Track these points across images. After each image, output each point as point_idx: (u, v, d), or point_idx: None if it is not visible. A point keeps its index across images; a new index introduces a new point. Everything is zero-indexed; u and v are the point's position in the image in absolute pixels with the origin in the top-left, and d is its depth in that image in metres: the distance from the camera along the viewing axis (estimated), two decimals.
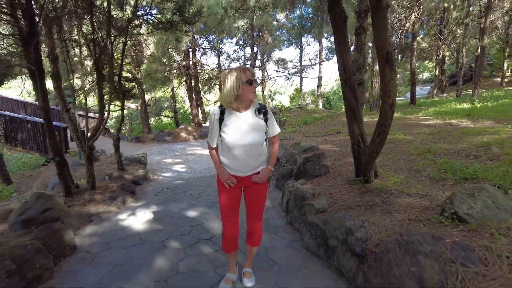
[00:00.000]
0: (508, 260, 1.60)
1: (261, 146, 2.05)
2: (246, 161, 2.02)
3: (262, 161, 2.11)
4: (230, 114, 1.97)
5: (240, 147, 1.96)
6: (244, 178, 2.08)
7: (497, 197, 2.07)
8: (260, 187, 2.13)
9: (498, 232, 1.81)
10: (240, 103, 1.95)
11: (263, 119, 2.03)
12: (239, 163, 2.02)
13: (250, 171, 2.06)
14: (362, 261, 2.12)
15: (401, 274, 1.76)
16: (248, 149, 1.98)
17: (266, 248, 2.81)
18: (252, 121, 1.98)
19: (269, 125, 2.06)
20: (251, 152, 2.01)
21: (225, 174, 2.06)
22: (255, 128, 1.98)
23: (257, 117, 2.00)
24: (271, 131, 2.10)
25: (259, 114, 2.01)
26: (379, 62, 2.64)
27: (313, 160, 4.07)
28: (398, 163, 3.92)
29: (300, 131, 8.37)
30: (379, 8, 2.45)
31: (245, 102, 1.95)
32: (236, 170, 2.05)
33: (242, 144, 1.95)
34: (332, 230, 2.48)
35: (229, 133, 1.95)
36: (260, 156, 2.07)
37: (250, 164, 2.04)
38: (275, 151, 2.17)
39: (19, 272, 2.14)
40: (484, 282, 1.54)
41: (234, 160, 2.02)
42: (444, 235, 1.88)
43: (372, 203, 2.73)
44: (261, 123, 2.01)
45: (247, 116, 1.98)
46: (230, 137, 1.95)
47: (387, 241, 2.00)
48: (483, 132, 4.91)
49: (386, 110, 2.76)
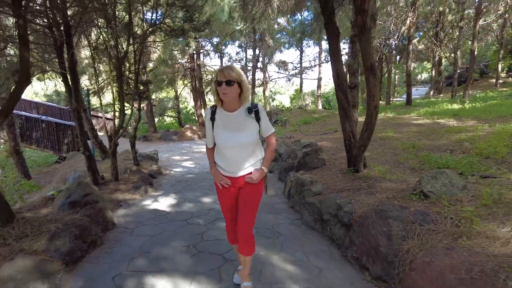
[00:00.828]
0: (451, 220, 2.20)
1: (253, 147, 2.01)
2: (236, 162, 2.00)
3: (255, 162, 2.07)
4: (220, 114, 1.97)
5: (229, 147, 1.96)
6: (237, 178, 2.04)
7: (453, 178, 2.68)
8: (252, 188, 2.07)
9: (448, 203, 2.42)
10: (225, 103, 1.93)
11: (255, 119, 1.98)
12: (230, 163, 2.02)
13: (241, 172, 2.03)
14: (348, 229, 2.72)
15: (375, 233, 2.36)
16: (238, 150, 1.97)
17: (272, 225, 3.41)
18: (242, 121, 1.95)
19: (261, 124, 2.00)
20: (241, 153, 1.99)
21: (217, 175, 2.06)
22: (245, 128, 1.96)
23: (248, 117, 1.96)
24: (264, 130, 2.05)
25: (250, 114, 1.96)
26: (365, 71, 3.24)
27: (311, 154, 4.68)
28: (385, 156, 4.53)
29: (300, 130, 8.97)
30: (364, 30, 3.05)
31: (227, 102, 1.91)
32: (228, 170, 2.04)
33: (231, 145, 1.95)
34: (326, 208, 3.09)
35: (219, 133, 1.97)
36: (252, 156, 2.04)
37: (240, 165, 2.01)
38: (270, 152, 2.14)
39: (81, 237, 2.74)
40: (433, 235, 2.14)
41: (225, 161, 2.03)
42: (409, 206, 2.49)
43: (359, 187, 3.33)
44: (252, 123, 1.97)
45: (237, 115, 1.95)
46: (219, 137, 1.97)
47: (367, 211, 2.61)
48: (463, 130, 5.50)
49: (371, 110, 3.37)
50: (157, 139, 14.25)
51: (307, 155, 4.71)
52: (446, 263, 1.80)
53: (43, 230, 2.90)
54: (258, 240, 3.00)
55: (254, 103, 2.03)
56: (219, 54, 18.38)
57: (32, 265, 2.17)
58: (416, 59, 27.34)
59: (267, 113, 13.02)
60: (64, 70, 4.94)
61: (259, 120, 1.99)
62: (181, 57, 14.99)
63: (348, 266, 2.49)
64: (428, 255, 1.93)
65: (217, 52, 16.92)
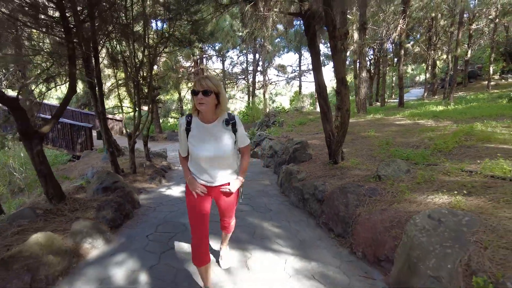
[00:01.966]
0: (392, 193, 3.05)
1: (229, 158, 2.02)
2: (213, 172, 2.00)
3: (231, 172, 2.09)
4: (197, 125, 1.95)
5: (206, 158, 1.94)
6: (213, 188, 2.06)
7: (400, 165, 3.54)
8: (228, 197, 2.12)
9: (393, 182, 3.28)
10: (202, 114, 1.93)
11: (232, 131, 1.99)
12: (206, 173, 2.01)
13: (218, 182, 2.04)
14: (321, 203, 3.59)
15: (338, 203, 3.22)
16: (215, 161, 1.97)
17: (265, 204, 4.27)
18: (219, 132, 1.95)
19: (238, 136, 2.03)
20: (218, 164, 1.99)
21: (193, 183, 2.03)
22: (221, 139, 1.96)
23: (225, 129, 1.96)
24: (241, 142, 2.08)
25: (227, 126, 1.97)
26: (337, 83, 4.11)
27: (300, 150, 5.55)
28: (362, 151, 5.38)
29: (295, 131, 9.83)
30: (335, 51, 3.92)
31: (203, 113, 1.91)
32: (204, 179, 2.04)
33: (208, 156, 1.94)
34: (306, 189, 3.95)
35: (195, 144, 1.94)
36: (229, 167, 2.06)
37: (217, 175, 2.02)
38: (245, 162, 2.16)
39: (119, 210, 3.62)
40: (377, 203, 2.99)
41: (201, 170, 2.01)
42: (365, 185, 3.35)
43: (334, 174, 4.19)
44: (228, 135, 1.98)
45: (214, 127, 1.95)
46: (195, 148, 1.94)
47: (334, 190, 3.47)
48: (435, 129, 6.34)
49: (343, 113, 4.23)
50: (163, 139, 15.15)
51: (297, 151, 5.57)
52: (378, 218, 2.66)
53: (88, 206, 3.78)
54: (254, 214, 3.87)
55: (232, 114, 2.03)
56: (221, 58, 19.31)
57: (91, 224, 3.05)
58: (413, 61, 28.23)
59: (266, 114, 13.89)
60: (90, 78, 5.85)
61: (236, 131, 2.01)
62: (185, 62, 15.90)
63: (319, 229, 3.35)
64: (368, 214, 2.80)
65: (219, 56, 17.83)
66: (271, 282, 2.34)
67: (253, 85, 19.29)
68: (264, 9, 4.56)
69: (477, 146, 4.32)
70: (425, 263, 1.93)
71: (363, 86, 11.55)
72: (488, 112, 8.05)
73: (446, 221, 2.08)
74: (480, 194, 2.56)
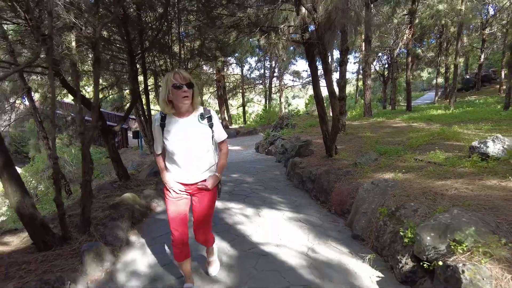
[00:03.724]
0: (359, 173, 4.39)
1: (206, 153, 1.99)
2: (190, 169, 1.96)
3: (209, 168, 2.05)
4: (171, 120, 1.92)
5: (182, 154, 1.92)
6: (190, 185, 2.02)
7: (372, 155, 4.88)
8: (207, 194, 2.08)
9: (363, 166, 4.61)
10: (177, 108, 1.89)
11: (208, 125, 1.96)
12: (182, 170, 1.97)
13: (195, 179, 2.00)
14: (313, 182, 4.95)
15: (323, 181, 4.59)
16: (191, 156, 1.94)
17: (274, 186, 5.67)
18: (194, 127, 1.93)
19: (214, 130, 2.00)
20: (195, 159, 1.95)
21: (169, 181, 2.02)
22: (197, 134, 1.93)
23: (200, 123, 1.94)
24: (218, 136, 2.05)
25: (202, 120, 1.95)
26: (329, 95, 5.47)
27: (304, 146, 6.92)
28: (354, 148, 6.68)
29: (306, 132, 11.15)
30: (326, 72, 5.29)
31: (179, 107, 1.87)
32: (180, 177, 2.00)
33: (184, 151, 1.91)
34: (305, 174, 5.33)
35: (170, 140, 1.91)
36: (206, 163, 2.01)
37: (194, 171, 1.98)
38: (223, 157, 2.12)
39: None
40: (349, 179, 4.33)
41: (177, 167, 1.98)
42: (343, 169, 4.70)
43: (326, 164, 5.54)
44: (204, 129, 1.95)
45: (189, 121, 1.93)
46: (171, 144, 1.90)
47: (322, 172, 4.84)
48: (421, 130, 7.53)
49: (335, 118, 5.58)
50: None
51: (301, 147, 6.95)
52: (345, 188, 4.02)
53: (146, 183, 5.32)
54: (265, 191, 5.29)
55: (207, 108, 2.02)
56: (240, 65, 20.92)
57: (155, 192, 4.57)
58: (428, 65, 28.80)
59: (280, 117, 15.26)
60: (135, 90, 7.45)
61: (212, 126, 1.98)
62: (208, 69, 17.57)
63: (311, 200, 4.73)
64: (340, 185, 4.16)
65: (238, 64, 19.42)
66: (273, 223, 3.74)
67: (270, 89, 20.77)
68: (275, 37, 5.98)
69: (439, 143, 5.54)
70: (362, 206, 3.30)
71: (368, 92, 12.73)
72: (476, 116, 9.09)
73: (380, 185, 3.43)
74: (413, 172, 3.88)
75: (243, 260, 2.78)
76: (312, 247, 3.00)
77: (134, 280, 2.54)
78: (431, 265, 2.13)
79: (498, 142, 3.69)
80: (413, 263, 2.32)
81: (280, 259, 2.76)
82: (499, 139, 3.72)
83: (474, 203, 2.56)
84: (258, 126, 18.92)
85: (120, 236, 3.09)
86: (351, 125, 10.52)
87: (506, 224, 2.18)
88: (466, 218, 2.20)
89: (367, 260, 2.67)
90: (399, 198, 3.07)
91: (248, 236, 3.33)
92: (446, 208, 2.52)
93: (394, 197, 3.13)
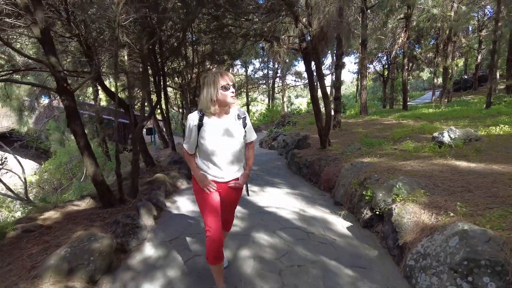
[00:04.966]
0: (344, 159, 5.41)
1: (240, 152, 2.06)
2: (225, 167, 2.02)
3: (240, 167, 2.13)
4: (210, 120, 1.96)
5: (219, 153, 1.96)
6: (223, 184, 2.07)
7: (356, 145, 5.90)
8: (237, 192, 2.17)
9: (348, 153, 5.63)
10: (219, 109, 1.94)
11: (242, 125, 2.03)
12: (218, 169, 2.02)
13: (229, 177, 2.07)
14: (308, 168, 5.98)
15: (315, 166, 5.62)
16: (228, 155, 1.99)
17: (276, 172, 6.70)
18: (232, 127, 1.99)
19: (247, 131, 2.07)
20: (231, 158, 2.01)
21: (204, 180, 2.03)
22: (234, 134, 1.99)
23: (237, 123, 2.01)
24: (249, 137, 2.12)
25: (238, 120, 2.02)
26: (322, 96, 6.48)
27: (302, 140, 7.94)
28: (345, 141, 7.68)
29: (305, 128, 12.17)
30: (320, 77, 6.30)
31: (223, 107, 1.94)
32: (215, 176, 2.04)
33: (222, 150, 1.96)
34: (301, 162, 6.35)
35: (208, 139, 1.94)
36: (238, 162, 2.09)
37: (229, 170, 2.04)
38: (252, 156, 2.20)
39: (189, 172, 6.19)
40: (336, 163, 5.35)
41: (213, 166, 2.01)
42: (332, 157, 5.73)
43: (320, 154, 6.55)
44: (240, 129, 2.02)
45: (227, 121, 1.98)
46: (209, 143, 1.94)
47: (315, 159, 5.86)
48: (406, 126, 8.50)
49: (327, 115, 6.59)
50: None
51: (300, 141, 7.97)
52: (332, 169, 5.04)
53: (169, 169, 6.37)
54: (268, 175, 6.32)
55: (241, 109, 2.10)
56: (245, 66, 21.96)
57: (178, 174, 5.62)
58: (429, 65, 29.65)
59: (282, 115, 16.28)
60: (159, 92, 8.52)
61: (245, 126, 2.06)
62: None
63: (306, 181, 5.75)
64: (328, 169, 5.18)
65: (243, 65, 20.47)
66: (274, 195, 4.76)
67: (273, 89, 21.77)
68: (277, 46, 7.00)
69: (416, 136, 6.53)
70: (342, 181, 4.33)
71: (364, 92, 13.71)
72: (461, 114, 10.03)
73: (357, 165, 4.45)
74: (385, 156, 4.89)
75: (252, 216, 3.82)
76: (303, 208, 4.04)
77: (175, 225, 3.59)
78: (381, 212, 3.16)
79: (451, 133, 4.69)
80: (371, 213, 3.35)
81: (279, 215, 3.80)
82: (452, 130, 4.73)
83: (418, 174, 3.58)
84: (262, 125, 19.95)
85: (161, 200, 4.15)
86: (347, 122, 11.52)
87: (432, 184, 3.20)
88: (406, 181, 3.22)
89: (341, 215, 3.71)
90: (368, 173, 4.08)
91: (256, 203, 4.37)
92: (397, 177, 3.54)
93: (365, 173, 4.15)
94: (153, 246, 3.04)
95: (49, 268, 2.13)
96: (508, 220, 2.25)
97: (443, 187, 3.15)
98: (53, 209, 3.81)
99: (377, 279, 2.38)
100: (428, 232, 2.49)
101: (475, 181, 3.17)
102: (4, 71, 4.98)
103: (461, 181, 3.22)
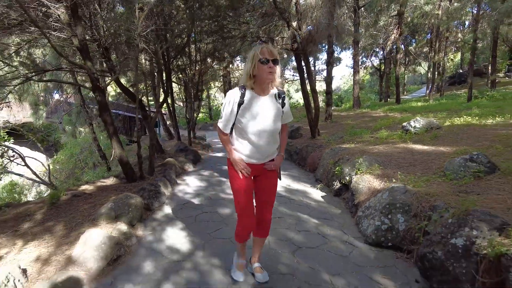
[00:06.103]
0: (328, 146, 6.30)
1: (277, 133, 1.97)
2: (264, 148, 1.94)
3: (276, 148, 2.05)
4: (251, 98, 1.87)
5: (259, 133, 1.88)
6: (258, 166, 2.00)
7: (339, 134, 6.79)
8: (272, 174, 2.08)
9: (332, 141, 6.52)
10: (258, 85, 1.86)
11: (281, 105, 1.95)
12: (256, 150, 1.94)
13: (265, 158, 2.00)
14: (297, 154, 6.88)
15: (303, 152, 6.53)
16: (267, 135, 1.90)
17: None
18: (272, 106, 1.91)
19: (285, 111, 1.99)
20: (270, 139, 1.93)
21: (240, 163, 1.96)
22: (274, 113, 1.91)
23: (277, 102, 1.92)
24: (285, 117, 2.04)
25: (279, 99, 1.93)
26: (311, 90, 7.34)
27: (295, 131, 8.84)
28: (334, 132, 8.55)
29: (300, 121, 13.02)
30: (309, 74, 7.16)
31: (262, 83, 1.84)
32: (252, 157, 1.96)
33: (262, 130, 1.88)
34: (293, 149, 7.25)
35: (249, 118, 1.87)
36: (275, 143, 2.01)
37: (267, 151, 1.97)
38: (285, 138, 2.14)
39: (194, 156, 7.11)
40: (321, 150, 6.24)
41: (251, 147, 1.93)
42: (318, 144, 6.62)
43: (309, 143, 7.43)
44: (278, 109, 1.93)
45: (268, 100, 1.90)
46: (250, 123, 1.87)
47: (303, 147, 6.76)
48: (391, 118, 9.35)
49: (316, 108, 7.46)
50: (197, 129, 18.80)
51: (293, 131, 8.86)
52: (316, 154, 5.94)
53: (176, 156, 7.27)
54: None
55: (281, 89, 1.99)
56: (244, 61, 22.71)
57: (186, 159, 6.54)
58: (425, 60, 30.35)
59: None
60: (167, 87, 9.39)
61: (284, 106, 1.97)
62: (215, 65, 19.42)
63: (296, 166, 6.66)
64: (313, 154, 6.08)
65: (243, 61, 21.25)
66: None
67: None
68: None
69: (393, 126, 7.39)
70: (322, 162, 5.23)
71: (356, 86, 14.54)
72: (444, 107, 10.85)
73: (335, 149, 5.34)
74: (361, 143, 5.77)
75: None
76: (289, 184, 4.95)
77: (185, 195, 4.50)
78: (347, 182, 4.06)
79: (416, 123, 5.57)
80: (340, 184, 4.25)
81: None
82: (417, 120, 5.60)
83: (381, 154, 4.47)
84: None
85: (173, 177, 5.07)
86: (339, 115, 12.39)
87: (387, 161, 4.09)
88: (367, 159, 4.12)
89: (319, 188, 4.62)
90: (343, 155, 4.97)
91: None
92: (362, 156, 4.43)
93: (340, 155, 5.04)
94: (171, 207, 3.96)
95: (102, 215, 3.04)
96: (430, 182, 3.15)
97: (395, 163, 4.04)
98: (86, 184, 4.74)
99: (335, 226, 3.28)
100: (376, 193, 3.39)
101: (420, 158, 4.06)
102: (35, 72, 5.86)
103: (410, 159, 4.12)
